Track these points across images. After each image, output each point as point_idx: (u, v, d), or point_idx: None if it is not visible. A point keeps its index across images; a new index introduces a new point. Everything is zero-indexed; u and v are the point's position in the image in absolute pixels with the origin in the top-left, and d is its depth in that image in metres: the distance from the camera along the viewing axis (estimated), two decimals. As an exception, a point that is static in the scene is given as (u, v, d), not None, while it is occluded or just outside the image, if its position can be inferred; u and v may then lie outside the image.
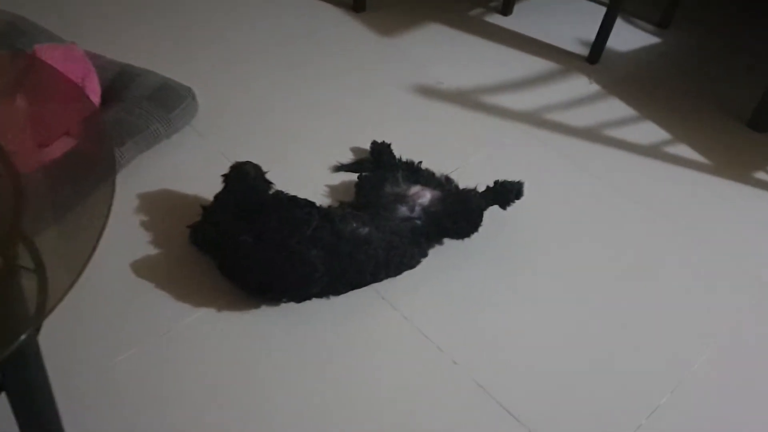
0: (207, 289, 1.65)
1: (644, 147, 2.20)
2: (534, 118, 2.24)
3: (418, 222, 1.73)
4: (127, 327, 1.57)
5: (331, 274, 1.60)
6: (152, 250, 1.73)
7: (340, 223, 1.63)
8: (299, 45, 2.40)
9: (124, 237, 1.74)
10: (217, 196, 1.70)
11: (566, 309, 1.72)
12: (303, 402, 1.48)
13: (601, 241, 1.89)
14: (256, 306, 1.63)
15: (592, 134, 2.21)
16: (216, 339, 1.57)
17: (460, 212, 1.74)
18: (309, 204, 1.64)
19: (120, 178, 1.86)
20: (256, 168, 1.72)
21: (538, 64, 2.46)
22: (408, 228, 1.70)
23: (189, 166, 1.93)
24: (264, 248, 1.55)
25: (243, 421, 1.44)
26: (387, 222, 1.69)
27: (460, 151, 2.10)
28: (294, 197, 1.66)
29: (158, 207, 1.82)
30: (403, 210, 1.74)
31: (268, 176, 1.74)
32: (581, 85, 2.40)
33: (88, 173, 1.39)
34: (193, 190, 1.84)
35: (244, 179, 1.68)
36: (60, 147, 1.74)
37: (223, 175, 1.71)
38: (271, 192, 1.71)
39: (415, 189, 1.79)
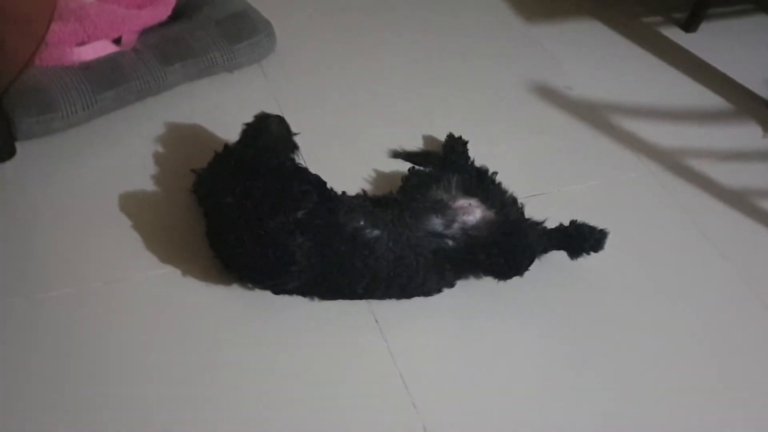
0: (184, 246, 1.41)
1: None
2: (670, 159, 1.76)
3: (449, 242, 1.37)
4: (78, 261, 1.37)
5: (315, 272, 1.29)
6: (150, 186, 1.51)
7: (344, 216, 1.31)
8: (423, 12, 2.07)
9: (129, 163, 1.55)
10: (227, 146, 1.45)
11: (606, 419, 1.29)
12: (232, 405, 1.21)
13: (696, 346, 1.40)
14: (228, 283, 1.36)
15: (740, 200, 1.69)
16: (167, 305, 1.34)
17: (502, 246, 1.35)
18: (316, 183, 1.34)
19: (157, 101, 1.67)
20: (282, 125, 1.44)
21: (704, 97, 1.95)
22: (432, 246, 1.35)
23: (237, 107, 1.68)
24: (242, 219, 1.28)
25: (161, 400, 1.21)
26: (408, 231, 1.35)
27: (557, 174, 1.69)
28: (303, 170, 1.37)
29: (182, 142, 1.61)
30: (436, 223, 1.38)
31: (307, 141, 1.47)
32: (751, 135, 1.86)
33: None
34: (229, 134, 1.59)
35: (263, 134, 1.41)
36: (94, 51, 1.57)
37: (244, 124, 1.45)
38: (291, 156, 1.43)
39: (463, 201, 1.43)
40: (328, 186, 1.37)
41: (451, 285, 1.39)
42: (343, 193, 1.41)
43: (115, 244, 1.40)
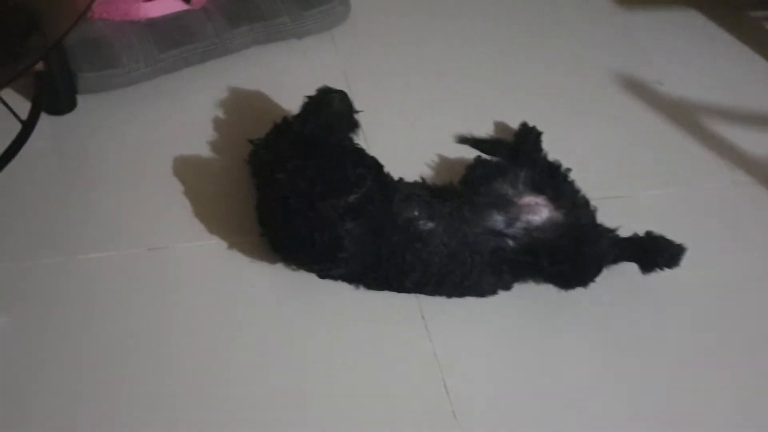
0: (233, 219, 1.36)
1: None
2: (763, 171, 1.60)
3: (510, 242, 1.27)
4: (124, 223, 1.34)
5: (363, 261, 1.22)
6: (205, 152, 1.47)
7: (398, 204, 1.23)
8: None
9: (186, 126, 1.51)
10: (286, 118, 1.38)
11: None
12: (260, 386, 1.16)
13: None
14: (273, 261, 1.31)
15: None
16: (208, 278, 1.30)
17: (568, 252, 1.25)
18: (373, 166, 1.26)
19: (221, 63, 1.62)
20: (344, 101, 1.36)
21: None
22: (490, 246, 1.26)
23: (303, 77, 1.60)
24: (292, 198, 1.21)
25: (191, 373, 1.17)
26: (466, 226, 1.26)
27: (636, 176, 1.56)
28: (360, 151, 1.30)
29: (242, 108, 1.55)
30: (497, 220, 1.29)
31: (370, 119, 1.40)
32: None
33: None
34: (292, 104, 1.51)
35: (324, 109, 1.34)
36: (162, 7, 1.53)
37: (306, 97, 1.38)
38: (350, 135, 1.35)
39: (529, 199, 1.33)
40: (385, 170, 1.29)
41: (508, 288, 1.30)
42: (401, 179, 1.32)
43: (162, 208, 1.36)
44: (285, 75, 1.63)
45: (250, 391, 1.15)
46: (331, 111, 1.34)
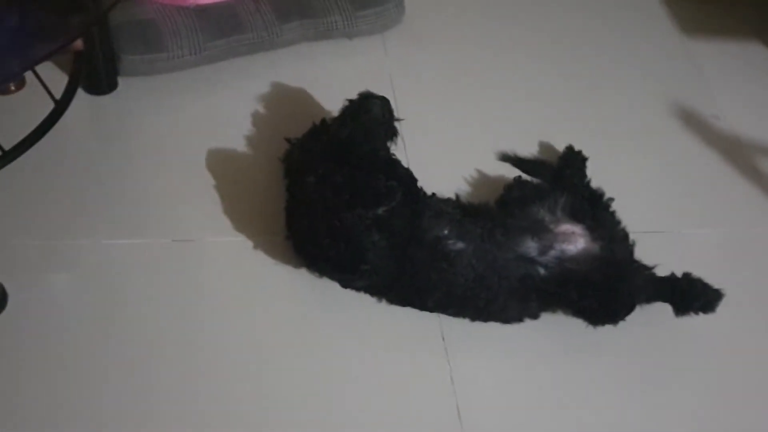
0: (261, 217, 1.34)
1: None
2: (819, 221, 1.53)
3: (541, 271, 1.23)
4: (152, 211, 1.34)
5: (386, 275, 1.19)
6: (240, 147, 1.45)
7: (428, 221, 1.20)
8: (570, 7, 1.88)
9: (225, 118, 1.49)
10: (324, 120, 1.36)
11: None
12: (266, 392, 1.14)
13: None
14: (297, 265, 1.28)
15: None
16: (230, 275, 1.28)
17: (601, 287, 1.20)
18: (406, 179, 1.23)
19: (267, 57, 1.60)
20: (385, 108, 1.34)
21: None
22: (520, 272, 1.21)
23: (349, 78, 1.57)
24: (320, 204, 1.19)
25: (199, 368, 1.16)
26: (497, 250, 1.22)
27: (680, 213, 1.50)
28: (395, 162, 1.26)
29: (283, 105, 1.53)
30: (531, 246, 1.24)
31: (410, 128, 1.38)
32: None
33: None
34: (335, 105, 1.48)
35: (363, 115, 1.31)
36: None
37: (346, 100, 1.35)
38: (387, 144, 1.32)
39: (566, 227, 1.28)
40: (419, 184, 1.26)
41: (535, 317, 1.26)
42: (434, 194, 1.29)
43: (192, 200, 1.35)
44: (331, 75, 1.60)
45: (255, 395, 1.13)
46: (369, 117, 1.31)
